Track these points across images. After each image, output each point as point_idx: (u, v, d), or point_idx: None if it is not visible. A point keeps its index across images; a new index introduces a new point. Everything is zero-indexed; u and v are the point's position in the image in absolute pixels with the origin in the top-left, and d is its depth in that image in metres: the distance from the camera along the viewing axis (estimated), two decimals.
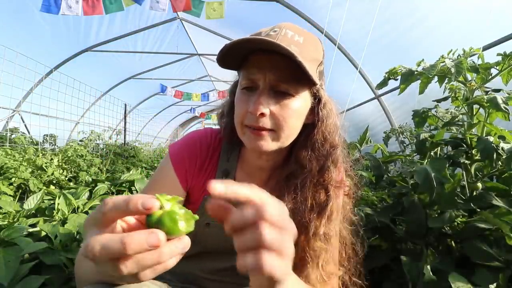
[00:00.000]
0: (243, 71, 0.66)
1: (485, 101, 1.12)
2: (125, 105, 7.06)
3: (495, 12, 1.99)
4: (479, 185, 1.21)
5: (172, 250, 0.33)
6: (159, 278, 0.74)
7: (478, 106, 1.23)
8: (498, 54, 1.14)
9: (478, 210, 1.13)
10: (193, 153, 0.75)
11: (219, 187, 0.33)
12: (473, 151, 1.23)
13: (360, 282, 0.77)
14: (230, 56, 0.63)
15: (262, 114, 0.61)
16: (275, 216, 0.33)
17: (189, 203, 0.79)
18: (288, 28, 0.64)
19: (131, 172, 3.59)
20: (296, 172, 0.70)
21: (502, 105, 1.06)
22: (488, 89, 1.25)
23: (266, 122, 0.62)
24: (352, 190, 0.79)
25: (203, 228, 0.74)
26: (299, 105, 0.64)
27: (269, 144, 0.64)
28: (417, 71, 1.22)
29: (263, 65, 0.62)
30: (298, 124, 0.67)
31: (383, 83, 1.38)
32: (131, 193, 2.75)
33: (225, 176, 0.76)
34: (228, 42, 0.59)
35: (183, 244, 0.34)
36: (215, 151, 0.77)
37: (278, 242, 0.33)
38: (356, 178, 0.81)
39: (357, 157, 0.90)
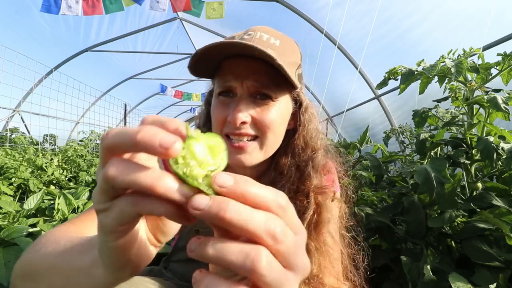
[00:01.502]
0: (218, 78, 0.61)
1: (485, 101, 1.12)
2: (125, 105, 7.07)
3: (495, 12, 1.99)
4: (479, 185, 1.21)
5: (169, 184, 0.23)
6: (159, 275, 0.74)
7: (478, 106, 1.23)
8: (498, 54, 1.14)
9: (478, 210, 1.13)
10: None
11: (226, 179, 0.23)
12: (473, 151, 1.23)
13: None
14: (202, 63, 0.58)
15: (244, 123, 0.57)
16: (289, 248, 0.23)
17: None
18: (263, 31, 0.61)
19: None
20: (275, 179, 0.66)
21: (502, 105, 1.06)
22: (488, 89, 1.25)
23: (249, 129, 0.59)
24: (344, 193, 0.74)
25: (193, 235, 0.71)
26: (280, 110, 0.61)
27: (252, 158, 0.60)
28: (417, 71, 1.22)
29: (239, 71, 0.58)
30: (282, 130, 0.64)
31: (383, 83, 1.38)
32: None
33: None
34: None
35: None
36: None
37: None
38: (351, 181, 0.77)
39: (348, 159, 0.85)
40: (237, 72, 0.58)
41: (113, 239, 0.27)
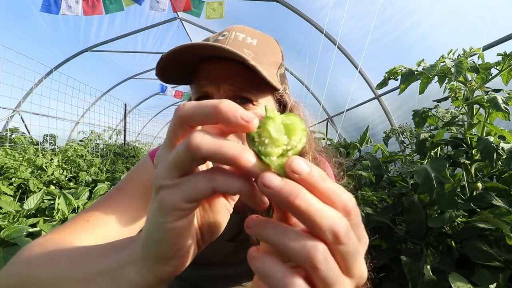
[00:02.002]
0: (194, 84, 0.58)
1: (485, 101, 1.12)
2: (125, 105, 7.06)
3: (495, 12, 1.99)
4: (479, 185, 1.21)
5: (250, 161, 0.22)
6: None
7: (478, 106, 1.23)
8: (498, 54, 1.14)
9: (478, 210, 1.14)
10: None
11: (302, 166, 0.22)
12: (473, 151, 1.23)
13: None
14: (173, 69, 0.54)
15: None
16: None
17: None
18: (238, 31, 0.58)
19: None
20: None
21: (502, 105, 1.06)
22: (488, 89, 1.25)
23: (231, 138, 0.55)
24: None
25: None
26: (262, 113, 0.57)
27: None
28: (417, 71, 1.23)
29: (214, 74, 0.55)
30: None
31: (383, 83, 1.38)
32: None
33: None
34: None
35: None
36: None
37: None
38: (349, 181, 0.76)
39: (342, 161, 0.82)
40: (212, 76, 0.55)
41: (174, 219, 0.24)
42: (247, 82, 0.54)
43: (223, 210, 0.31)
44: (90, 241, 0.51)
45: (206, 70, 0.55)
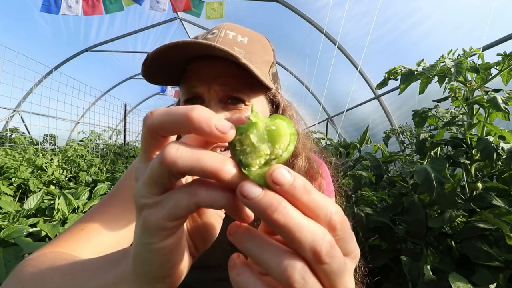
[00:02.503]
0: (183, 84, 0.55)
1: (485, 101, 1.12)
2: (125, 105, 7.06)
3: (495, 12, 1.99)
4: (479, 185, 1.21)
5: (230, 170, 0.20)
6: None
7: (478, 106, 1.23)
8: (498, 54, 1.14)
9: (478, 210, 1.14)
10: None
11: (283, 177, 0.20)
12: (473, 151, 1.23)
13: None
14: (159, 69, 0.51)
15: None
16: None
17: None
18: (228, 29, 0.56)
19: None
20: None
21: (502, 105, 1.06)
22: (488, 89, 1.25)
23: None
24: (339, 195, 0.71)
25: None
26: None
27: None
28: (417, 71, 1.23)
29: (204, 74, 0.52)
30: None
31: (383, 83, 1.38)
32: None
33: None
34: None
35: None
36: None
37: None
38: (342, 187, 0.72)
39: (337, 162, 0.79)
40: (202, 76, 0.52)
41: (160, 239, 0.23)
42: (239, 82, 0.52)
43: (213, 216, 0.29)
44: (86, 250, 0.51)
45: (196, 70, 0.53)
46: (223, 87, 0.51)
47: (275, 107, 0.62)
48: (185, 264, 0.27)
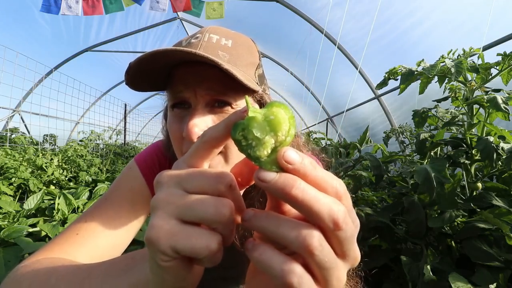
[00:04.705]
0: (169, 90, 0.55)
1: (485, 101, 1.12)
2: (125, 105, 7.06)
3: (495, 12, 1.99)
4: (479, 185, 1.21)
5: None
6: None
7: (478, 106, 1.23)
8: (498, 54, 1.14)
9: (478, 210, 1.14)
10: (163, 158, 0.69)
11: (293, 156, 0.22)
12: (473, 151, 1.23)
13: None
14: (143, 76, 0.51)
15: None
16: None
17: None
18: (212, 32, 0.55)
19: None
20: (247, 192, 0.60)
21: (502, 105, 1.06)
22: (488, 89, 1.25)
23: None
24: None
25: None
26: None
27: None
28: (417, 71, 1.23)
29: (189, 79, 0.51)
30: None
31: (383, 83, 1.38)
32: None
33: None
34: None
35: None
36: None
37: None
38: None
39: (326, 159, 0.78)
40: (187, 81, 0.51)
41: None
42: (224, 86, 0.51)
43: None
44: (82, 254, 0.51)
45: (181, 75, 0.52)
46: (209, 91, 0.51)
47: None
48: (199, 273, 0.29)
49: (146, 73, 0.51)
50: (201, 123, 0.49)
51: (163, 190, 0.25)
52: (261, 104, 0.61)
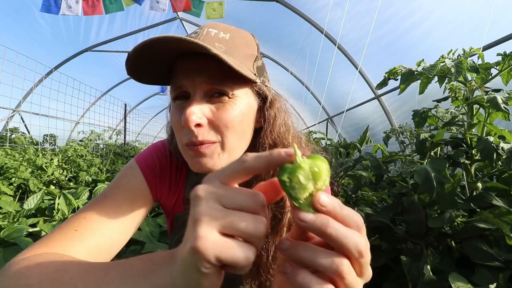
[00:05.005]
0: (171, 83, 0.57)
1: (485, 101, 1.12)
2: (125, 105, 7.06)
3: (495, 13, 1.99)
4: (479, 185, 1.21)
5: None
6: None
7: (478, 106, 1.23)
8: (498, 54, 1.14)
9: (478, 210, 1.14)
10: (164, 159, 0.70)
11: (327, 200, 0.28)
12: (473, 151, 1.23)
13: None
14: (143, 65, 0.53)
15: (198, 125, 0.51)
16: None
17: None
18: (211, 27, 0.57)
19: None
20: (248, 182, 0.62)
21: (502, 105, 1.06)
22: (488, 89, 1.25)
23: (206, 134, 0.53)
24: (333, 191, 0.72)
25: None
26: (240, 106, 0.55)
27: (214, 161, 0.54)
28: (417, 71, 1.23)
29: (188, 69, 0.53)
30: (245, 128, 0.57)
31: (383, 83, 1.38)
32: None
33: None
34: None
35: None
36: (184, 163, 0.69)
37: None
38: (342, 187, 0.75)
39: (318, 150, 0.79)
40: (186, 71, 0.54)
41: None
42: (222, 76, 0.52)
43: None
44: (80, 251, 0.50)
45: (182, 67, 0.54)
46: (206, 80, 0.53)
47: (262, 100, 0.62)
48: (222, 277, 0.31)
49: (146, 62, 0.52)
50: (198, 111, 0.51)
51: (203, 204, 0.28)
52: (260, 95, 0.61)
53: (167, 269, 0.31)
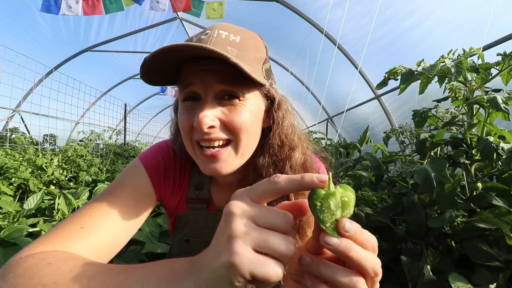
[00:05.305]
0: (180, 84, 0.58)
1: (485, 101, 1.12)
2: (125, 105, 7.06)
3: (495, 12, 1.99)
4: (479, 185, 1.21)
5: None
6: None
7: (478, 106, 1.23)
8: (498, 54, 1.14)
9: (478, 210, 1.14)
10: (168, 159, 0.70)
11: (351, 227, 0.31)
12: (473, 151, 1.23)
13: None
14: (157, 70, 0.55)
15: (211, 127, 0.53)
16: None
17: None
18: (221, 29, 0.57)
19: None
20: (254, 182, 0.64)
21: (502, 105, 1.06)
22: (488, 89, 1.25)
23: (219, 133, 0.55)
24: None
25: (183, 244, 0.72)
26: (250, 107, 0.57)
27: (228, 165, 0.57)
28: (417, 71, 1.22)
29: (200, 73, 0.54)
30: (255, 129, 0.60)
31: (383, 83, 1.38)
32: None
33: (198, 190, 0.71)
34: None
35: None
36: (187, 162, 0.71)
37: None
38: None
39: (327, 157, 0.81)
40: (197, 75, 0.54)
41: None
42: (233, 79, 0.54)
43: None
44: (85, 249, 0.50)
45: (191, 69, 0.55)
46: (218, 84, 0.54)
47: (270, 101, 0.64)
48: None
49: (159, 68, 0.54)
50: (211, 114, 0.53)
51: (237, 221, 0.29)
52: (268, 97, 0.63)
53: (189, 276, 0.32)
